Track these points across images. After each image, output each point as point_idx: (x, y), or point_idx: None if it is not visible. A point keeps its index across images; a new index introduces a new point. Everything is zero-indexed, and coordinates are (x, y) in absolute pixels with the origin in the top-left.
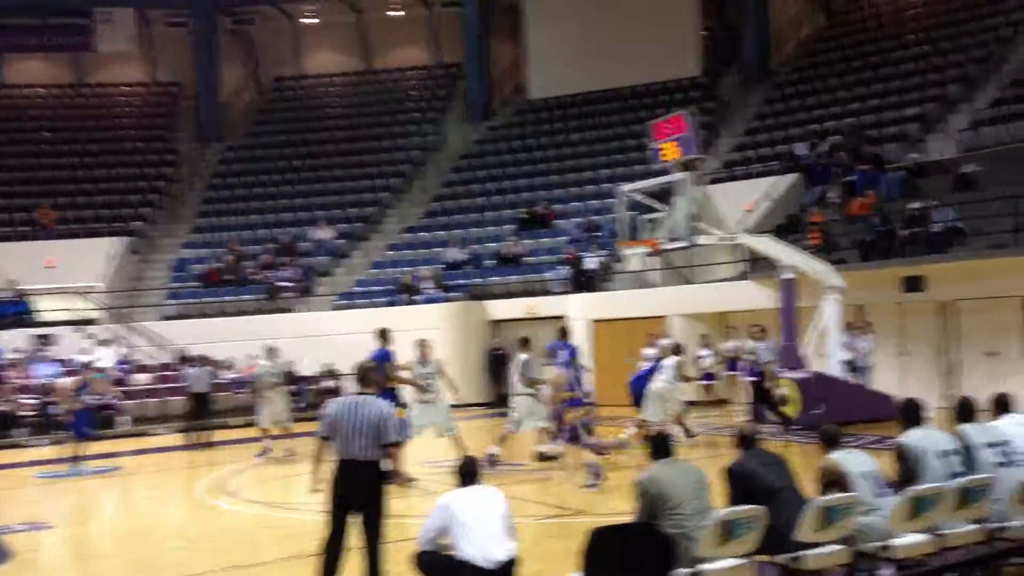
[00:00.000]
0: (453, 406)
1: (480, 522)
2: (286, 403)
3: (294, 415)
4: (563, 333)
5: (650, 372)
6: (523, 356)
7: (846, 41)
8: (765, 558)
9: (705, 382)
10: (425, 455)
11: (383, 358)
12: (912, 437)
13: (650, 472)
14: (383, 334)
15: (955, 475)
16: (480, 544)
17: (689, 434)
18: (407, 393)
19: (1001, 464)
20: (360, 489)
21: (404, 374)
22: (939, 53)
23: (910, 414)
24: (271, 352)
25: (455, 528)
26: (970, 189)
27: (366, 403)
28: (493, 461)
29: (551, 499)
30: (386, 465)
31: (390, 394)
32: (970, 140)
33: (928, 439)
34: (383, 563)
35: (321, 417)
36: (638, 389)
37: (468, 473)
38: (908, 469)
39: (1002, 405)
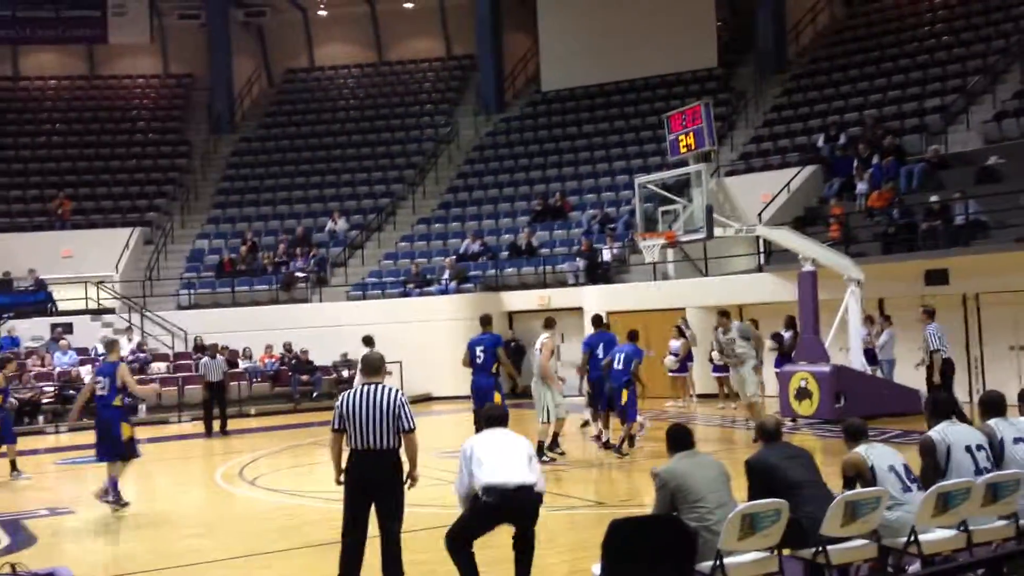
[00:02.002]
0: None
1: (499, 454)
2: None
3: (311, 404)
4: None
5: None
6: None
7: (865, 31)
8: (789, 552)
9: (717, 374)
10: (437, 444)
11: (496, 343)
12: (939, 431)
13: (669, 464)
14: (486, 320)
15: (982, 471)
16: (496, 470)
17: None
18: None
19: None
20: (378, 478)
21: (545, 358)
22: (960, 44)
23: (937, 408)
24: (368, 341)
25: (473, 465)
26: (993, 181)
27: (380, 392)
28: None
29: (571, 490)
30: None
31: (494, 380)
32: (993, 132)
33: (955, 434)
34: (400, 550)
35: (334, 409)
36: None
37: (491, 417)
38: (935, 464)
39: None
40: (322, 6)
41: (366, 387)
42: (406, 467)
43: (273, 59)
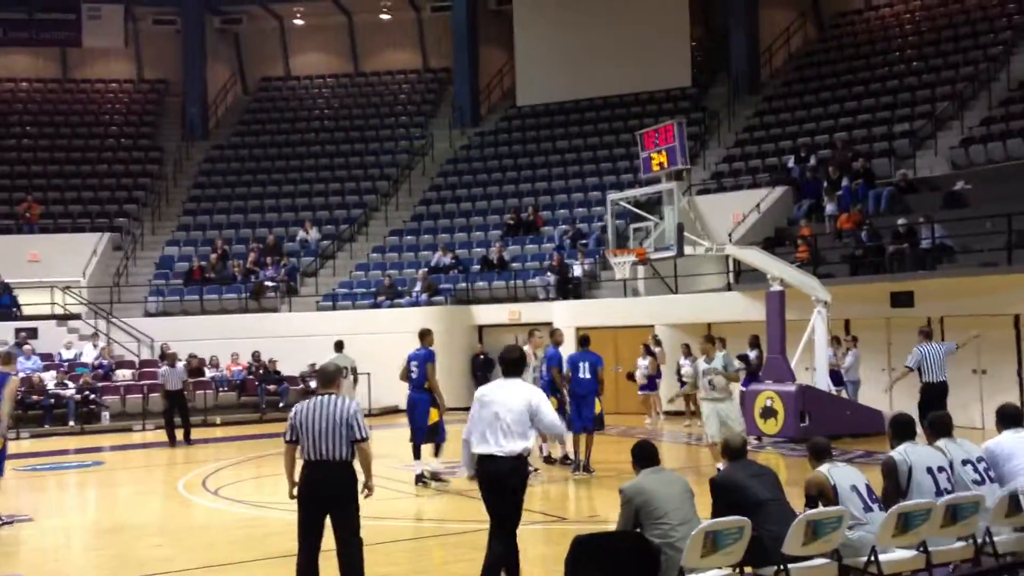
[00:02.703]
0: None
1: (495, 419)
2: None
3: (277, 414)
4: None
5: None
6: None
7: (837, 55)
8: (750, 570)
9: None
10: (402, 456)
11: (428, 358)
12: (901, 452)
13: (635, 480)
14: (424, 334)
15: (943, 492)
16: (487, 439)
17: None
18: None
19: (976, 481)
20: (332, 489)
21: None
22: (930, 70)
23: (901, 429)
24: (339, 346)
25: (474, 423)
26: (959, 207)
27: (332, 403)
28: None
29: (536, 505)
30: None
31: (428, 395)
32: (960, 158)
33: (917, 455)
34: (362, 563)
35: (288, 420)
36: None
37: (506, 362)
38: (896, 484)
39: (1009, 417)
40: (299, 15)
41: (319, 398)
42: (362, 478)
43: (248, 67)
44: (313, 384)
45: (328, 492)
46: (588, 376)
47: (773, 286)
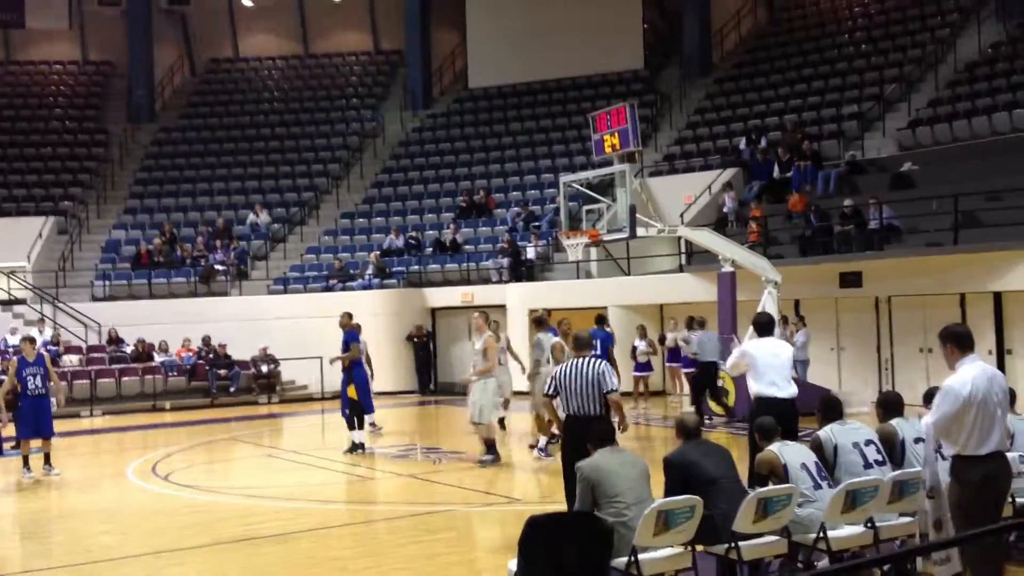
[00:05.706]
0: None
1: (770, 366)
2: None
3: (229, 399)
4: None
5: None
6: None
7: (787, 38)
8: (701, 548)
9: (639, 373)
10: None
11: (354, 338)
12: (827, 431)
13: (592, 458)
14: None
15: (872, 463)
16: (769, 382)
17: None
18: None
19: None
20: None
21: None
22: (878, 52)
23: (828, 409)
24: (493, 324)
25: (750, 370)
26: (907, 187)
27: (586, 364)
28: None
29: (488, 486)
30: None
31: (346, 374)
32: (907, 139)
33: (844, 434)
34: None
35: (551, 378)
36: None
37: (762, 324)
38: (824, 460)
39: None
40: None
41: (577, 360)
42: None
43: (196, 48)
44: (265, 368)
45: (582, 444)
46: None
47: (724, 267)
